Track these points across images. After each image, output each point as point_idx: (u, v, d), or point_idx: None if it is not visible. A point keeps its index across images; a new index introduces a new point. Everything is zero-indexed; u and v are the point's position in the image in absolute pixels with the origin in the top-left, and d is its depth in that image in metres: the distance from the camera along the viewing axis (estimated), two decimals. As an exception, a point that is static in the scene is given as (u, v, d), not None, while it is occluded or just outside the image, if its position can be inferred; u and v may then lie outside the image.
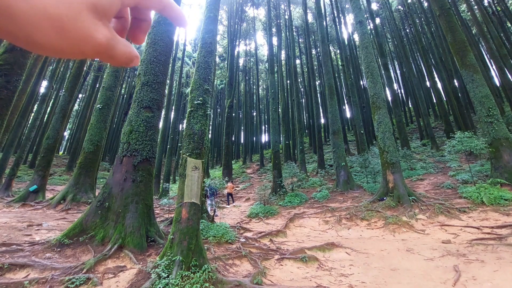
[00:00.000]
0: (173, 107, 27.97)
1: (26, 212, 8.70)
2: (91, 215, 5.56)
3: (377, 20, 30.87)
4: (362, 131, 18.03)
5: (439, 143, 18.31)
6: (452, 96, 19.60)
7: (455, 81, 20.45)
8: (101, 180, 13.64)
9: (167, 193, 16.96)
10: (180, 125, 32.91)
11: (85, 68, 16.63)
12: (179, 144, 29.37)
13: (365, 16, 18.19)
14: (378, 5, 32.94)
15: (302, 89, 34.93)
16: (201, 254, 4.45)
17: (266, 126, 40.95)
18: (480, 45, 24.78)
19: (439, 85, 23.50)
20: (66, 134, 36.22)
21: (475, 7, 22.40)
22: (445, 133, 18.63)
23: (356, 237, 7.04)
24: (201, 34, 6.91)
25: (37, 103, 22.23)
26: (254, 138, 37.18)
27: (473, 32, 24.07)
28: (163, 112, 23.76)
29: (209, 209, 10.37)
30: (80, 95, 32.77)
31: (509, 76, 18.79)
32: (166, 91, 24.72)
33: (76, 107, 33.39)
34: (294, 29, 29.35)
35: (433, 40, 24.04)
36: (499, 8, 24.03)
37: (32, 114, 21.64)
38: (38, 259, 4.64)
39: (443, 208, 7.50)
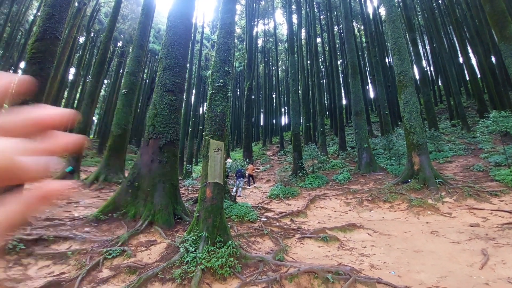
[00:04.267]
0: (194, 91, 28.31)
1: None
2: (123, 194, 5.96)
3: (407, -9, 28.45)
4: (386, 112, 17.30)
5: (471, 123, 17.17)
6: (488, 73, 18.03)
7: (492, 56, 18.72)
8: (129, 162, 14.39)
9: (190, 174, 17.59)
10: (201, 108, 33.38)
11: (108, 55, 17.11)
12: (200, 127, 29.93)
13: (393, -13, 16.80)
14: (408, -27, 30.27)
15: (323, 69, 33.72)
16: (225, 231, 4.66)
17: (286, 108, 40.41)
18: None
19: (473, 61, 21.63)
20: (95, 118, 38.14)
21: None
22: (478, 113, 17.37)
23: (378, 219, 6.99)
24: (219, 14, 6.81)
25: (67, 89, 23.42)
26: (274, 120, 36.93)
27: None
28: (184, 96, 24.19)
29: (234, 189, 10.68)
30: (105, 81, 34.00)
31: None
32: (186, 75, 25.00)
33: (102, 92, 34.79)
34: (315, 5, 27.88)
35: (469, 11, 21.86)
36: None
37: (63, 100, 22.92)
38: (78, 232, 5.10)
39: (472, 191, 7.19)
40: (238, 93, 41.56)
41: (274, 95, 38.24)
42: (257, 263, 4.15)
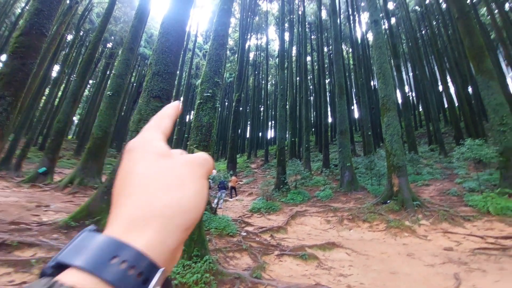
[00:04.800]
0: (182, 98, 28.10)
1: (34, 193, 8.93)
2: (98, 200, 5.69)
3: (393, 20, 30.18)
4: (369, 133, 17.85)
5: (448, 149, 18.02)
6: (465, 102, 19.20)
7: (469, 86, 20.00)
8: (108, 166, 13.85)
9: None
10: (188, 116, 33.10)
11: (96, 55, 16.78)
12: (186, 135, 29.55)
13: (381, 15, 17.80)
14: (394, 4, 32.21)
15: (311, 87, 34.64)
16: (203, 245, 4.52)
17: (273, 122, 40.85)
18: (498, 51, 24.08)
19: (452, 90, 22.99)
20: (76, 119, 36.81)
21: (496, 11, 21.70)
22: (455, 139, 18.30)
23: (357, 239, 7.04)
24: (213, 26, 6.90)
25: (49, 86, 22.60)
26: (260, 133, 37.16)
27: (491, 37, 23.37)
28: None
29: (215, 201, 10.49)
30: (90, 81, 33.15)
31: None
32: (176, 82, 24.86)
33: (86, 92, 33.81)
34: (307, 25, 28.93)
35: (449, 44, 23.45)
36: (521, 14, 23.23)
37: (44, 98, 22.02)
38: (45, 239, 4.78)
39: (447, 215, 7.43)
40: (226, 103, 41.68)
41: (262, 108, 38.67)
42: (233, 280, 4.03)
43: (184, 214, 0.29)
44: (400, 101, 21.05)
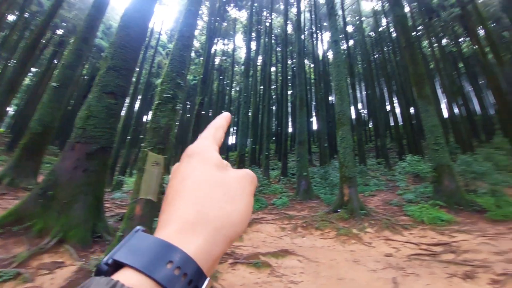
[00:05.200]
0: (140, 97, 26.63)
1: None
2: (31, 203, 5.01)
3: (351, 42, 32.82)
4: (326, 144, 18.89)
5: (392, 163, 19.88)
6: (408, 122, 21.51)
7: (411, 108, 22.50)
8: (47, 166, 12.34)
9: (121, 187, 15.96)
10: (145, 116, 31.39)
11: (43, 41, 15.05)
12: (141, 136, 27.92)
13: (340, 36, 19.26)
14: (353, 28, 35.09)
15: (274, 97, 35.58)
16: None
17: (235, 128, 40.87)
18: (435, 80, 27.60)
19: (397, 110, 25.68)
20: (11, 109, 32.34)
21: (435, 44, 25.00)
22: (398, 155, 20.31)
23: (309, 246, 7.29)
24: (179, 26, 6.70)
25: (-21, 70, 19.55)
26: (225, 139, 36.76)
27: (431, 67, 26.75)
28: (128, 101, 22.44)
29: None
30: (33, 69, 29.56)
31: (455, 111, 21.24)
32: (134, 79, 23.44)
33: (27, 81, 30.02)
34: (273, 37, 29.87)
35: (397, 69, 26.21)
36: (454, 49, 27.09)
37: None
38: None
39: (389, 224, 8.12)
40: (188, 106, 40.57)
41: (225, 114, 38.43)
42: (183, 291, 3.83)
43: (232, 227, 0.30)
44: (354, 116, 22.74)
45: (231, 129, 42.80)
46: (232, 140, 43.30)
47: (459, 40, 26.87)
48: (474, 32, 17.46)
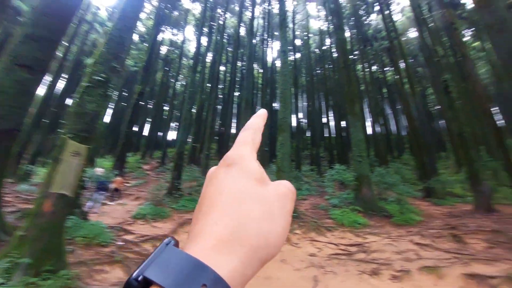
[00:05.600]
0: (65, 76, 23.14)
1: None
2: None
3: (298, 55, 34.90)
4: (266, 149, 19.54)
5: (323, 170, 21.76)
6: (339, 134, 23.90)
7: (343, 122, 25.13)
8: None
9: (29, 178, 13.56)
10: (70, 100, 27.43)
11: None
12: (62, 121, 24.24)
13: (289, 48, 20.35)
14: (301, 42, 37.40)
15: (220, 96, 35.30)
16: (60, 257, 3.68)
17: (177, 124, 39.03)
18: (364, 100, 31.41)
19: (331, 123, 28.38)
20: None
21: (367, 69, 28.55)
22: (329, 163, 22.36)
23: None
24: (122, 4, 6.06)
25: None
26: (161, 134, 34.63)
27: (361, 88, 30.38)
28: (50, 79, 19.23)
29: (88, 204, 8.87)
30: None
31: (377, 129, 24.58)
32: (60, 54, 20.25)
33: None
34: (225, 36, 29.69)
35: (335, 86, 28.99)
36: (381, 76, 31.33)
37: None
38: None
39: (315, 226, 8.82)
40: (126, 94, 37.09)
41: (167, 108, 36.40)
42: (96, 299, 3.42)
43: (268, 248, 0.28)
44: (294, 124, 24.20)
45: (173, 124, 40.79)
46: (172, 136, 41.18)
47: (385, 68, 31.28)
48: (396, 64, 20.54)
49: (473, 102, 17.29)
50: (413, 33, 30.40)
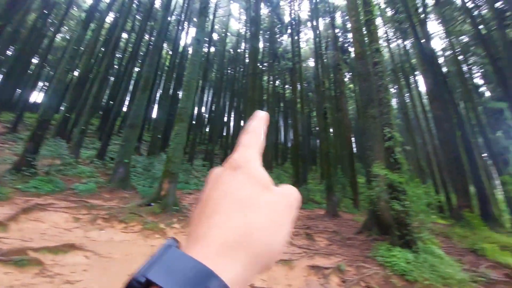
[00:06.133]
0: None
1: None
2: None
3: (212, 49, 34.52)
4: (159, 136, 18.18)
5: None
6: (236, 136, 25.04)
7: (242, 124, 26.54)
8: None
9: None
10: None
11: None
12: None
13: (205, 39, 19.77)
14: (218, 38, 37.22)
15: (116, 66, 30.52)
16: None
17: (48, 83, 30.96)
18: (264, 108, 34.33)
19: (231, 122, 29.47)
20: None
21: (271, 82, 31.31)
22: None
23: (106, 240, 6.49)
24: None
25: None
26: (20, 92, 26.39)
27: (264, 98, 33.07)
28: None
29: None
30: None
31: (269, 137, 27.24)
32: None
33: None
34: (136, 1, 25.94)
35: (241, 89, 30.31)
36: (281, 91, 35.11)
37: None
38: None
39: (195, 221, 8.80)
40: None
41: (36, 61, 28.29)
42: None
43: (270, 254, 0.28)
44: (195, 117, 23.65)
45: (42, 84, 32.23)
46: (37, 98, 32.40)
47: (285, 85, 35.26)
48: (294, 84, 23.48)
49: (340, 129, 21.80)
50: (311, 63, 35.74)
